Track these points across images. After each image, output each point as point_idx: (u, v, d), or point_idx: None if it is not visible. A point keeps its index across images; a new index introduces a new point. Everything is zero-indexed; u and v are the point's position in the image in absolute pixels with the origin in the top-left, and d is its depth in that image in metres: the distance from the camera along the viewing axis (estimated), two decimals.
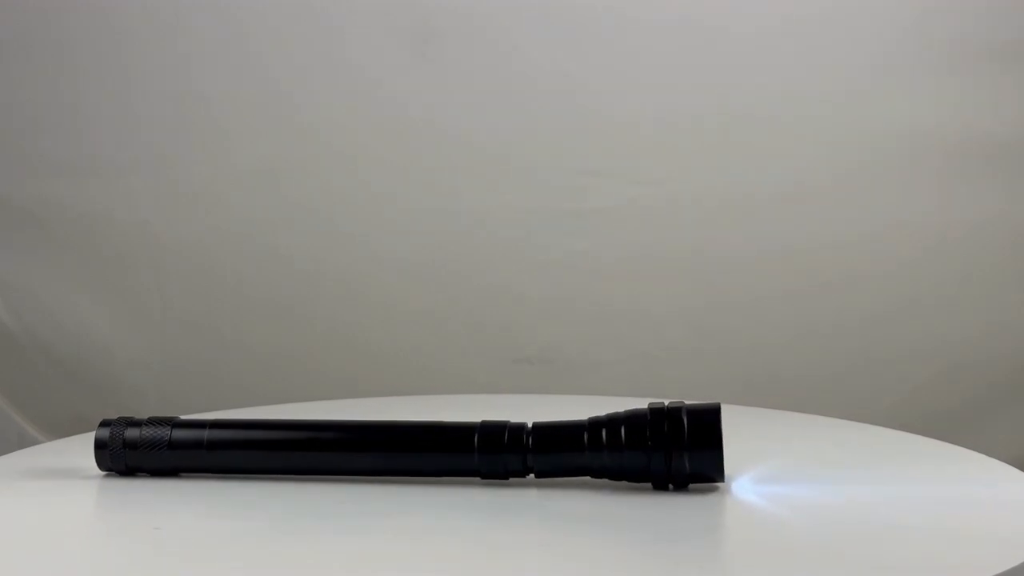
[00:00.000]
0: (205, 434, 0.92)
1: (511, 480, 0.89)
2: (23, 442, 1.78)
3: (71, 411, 1.82)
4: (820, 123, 1.71)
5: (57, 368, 1.83)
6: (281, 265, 1.80)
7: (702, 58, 1.72)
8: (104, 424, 0.93)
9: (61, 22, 1.76)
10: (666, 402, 0.87)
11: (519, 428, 0.88)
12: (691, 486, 0.86)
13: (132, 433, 0.92)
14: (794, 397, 1.70)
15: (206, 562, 0.74)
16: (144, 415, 0.95)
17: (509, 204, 1.76)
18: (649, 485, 0.87)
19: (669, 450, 0.84)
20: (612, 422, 0.86)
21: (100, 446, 0.93)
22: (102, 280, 1.81)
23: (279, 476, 0.92)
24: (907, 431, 1.16)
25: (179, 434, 0.92)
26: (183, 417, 0.95)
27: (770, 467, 0.99)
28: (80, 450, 0.99)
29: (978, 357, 1.73)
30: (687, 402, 0.87)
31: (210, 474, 0.93)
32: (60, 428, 1.78)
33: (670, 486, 0.86)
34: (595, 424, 0.86)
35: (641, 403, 0.88)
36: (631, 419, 0.86)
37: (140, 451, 0.92)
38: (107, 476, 0.95)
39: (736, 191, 1.74)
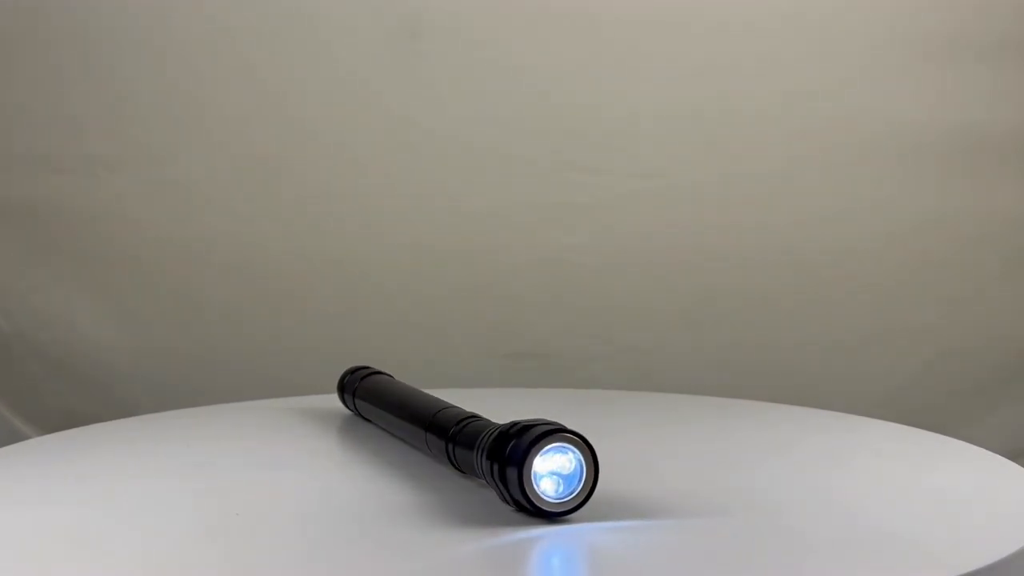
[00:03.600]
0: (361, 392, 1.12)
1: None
2: (13, 438, 1.78)
3: (61, 407, 1.81)
4: (814, 118, 1.72)
5: (46, 364, 1.83)
6: (271, 261, 1.80)
7: (696, 54, 1.72)
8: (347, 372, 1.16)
9: (49, 19, 1.76)
10: (546, 419, 0.80)
11: (458, 421, 0.88)
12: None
13: (351, 381, 1.15)
14: (785, 390, 1.70)
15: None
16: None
17: (501, 199, 1.76)
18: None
19: (492, 473, 0.79)
20: (485, 432, 0.82)
21: (339, 388, 1.17)
22: (91, 277, 1.81)
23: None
24: (898, 423, 1.16)
25: (361, 389, 1.13)
26: (388, 377, 1.14)
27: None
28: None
29: (968, 351, 1.74)
30: (557, 422, 0.80)
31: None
32: (50, 424, 1.77)
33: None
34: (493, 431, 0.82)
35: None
36: (484, 434, 0.82)
37: (347, 396, 1.15)
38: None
39: (729, 186, 1.74)
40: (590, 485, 0.78)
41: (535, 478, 0.77)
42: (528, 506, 0.77)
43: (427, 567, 0.73)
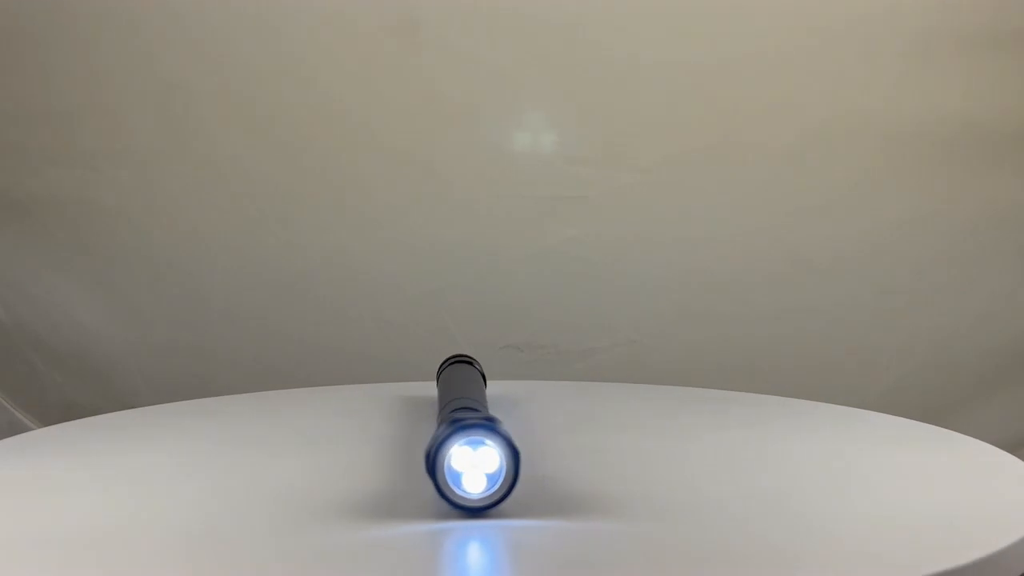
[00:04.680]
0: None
1: None
2: (14, 429, 1.78)
3: (62, 399, 1.82)
4: (810, 113, 1.72)
5: (47, 357, 1.83)
6: (270, 255, 1.80)
7: (696, 49, 1.72)
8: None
9: (51, 15, 1.75)
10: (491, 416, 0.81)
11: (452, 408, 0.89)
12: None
13: (440, 369, 1.19)
14: (784, 383, 1.70)
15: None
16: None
17: (499, 191, 1.76)
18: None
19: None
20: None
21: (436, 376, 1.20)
22: (92, 270, 1.81)
23: None
24: (897, 416, 1.16)
25: (441, 377, 1.17)
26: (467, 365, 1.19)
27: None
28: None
29: (967, 343, 1.74)
30: (495, 422, 0.79)
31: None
32: (51, 416, 1.78)
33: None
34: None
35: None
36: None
37: (437, 384, 1.17)
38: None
39: (727, 179, 1.74)
40: (508, 484, 0.77)
41: (449, 473, 0.77)
42: (441, 497, 0.78)
43: (289, 555, 0.74)
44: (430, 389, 1.29)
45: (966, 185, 1.70)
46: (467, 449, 0.77)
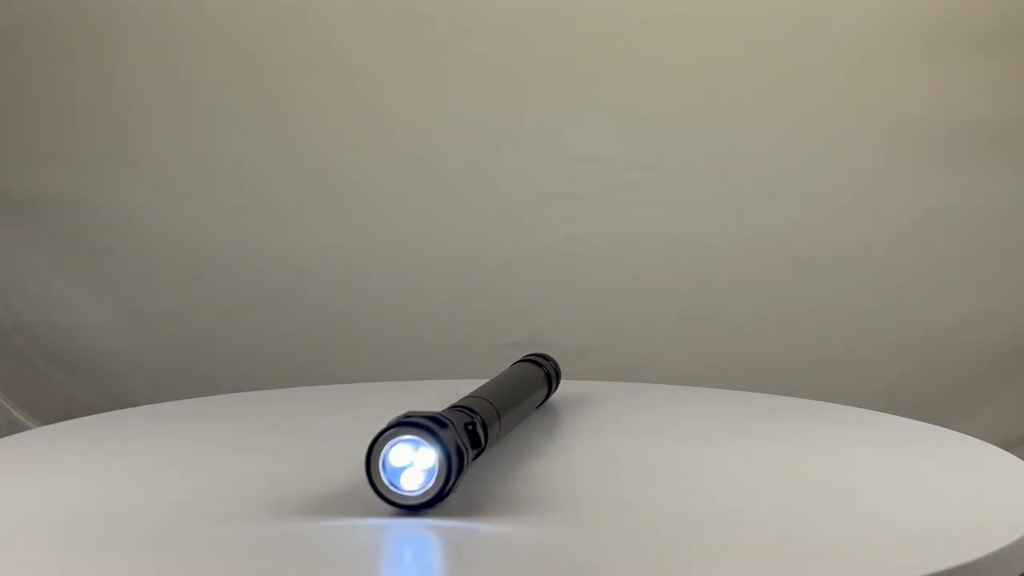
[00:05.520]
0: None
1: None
2: (13, 428, 1.78)
3: (60, 397, 1.81)
4: (809, 114, 1.72)
5: (45, 355, 1.83)
6: (269, 254, 1.80)
7: (696, 48, 1.72)
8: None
9: (52, 14, 1.75)
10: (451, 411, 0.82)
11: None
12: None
13: None
14: (784, 382, 1.70)
15: None
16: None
17: (499, 189, 1.76)
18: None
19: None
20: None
21: None
22: (91, 269, 1.81)
23: None
24: (896, 415, 1.16)
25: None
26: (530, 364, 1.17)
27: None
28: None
29: (966, 343, 1.74)
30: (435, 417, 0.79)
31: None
32: (49, 414, 1.77)
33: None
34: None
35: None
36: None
37: None
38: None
39: (726, 178, 1.74)
40: (441, 484, 0.76)
41: (386, 469, 0.77)
42: (374, 492, 0.77)
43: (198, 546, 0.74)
44: (430, 387, 1.29)
45: (967, 184, 1.70)
46: (408, 448, 0.76)
